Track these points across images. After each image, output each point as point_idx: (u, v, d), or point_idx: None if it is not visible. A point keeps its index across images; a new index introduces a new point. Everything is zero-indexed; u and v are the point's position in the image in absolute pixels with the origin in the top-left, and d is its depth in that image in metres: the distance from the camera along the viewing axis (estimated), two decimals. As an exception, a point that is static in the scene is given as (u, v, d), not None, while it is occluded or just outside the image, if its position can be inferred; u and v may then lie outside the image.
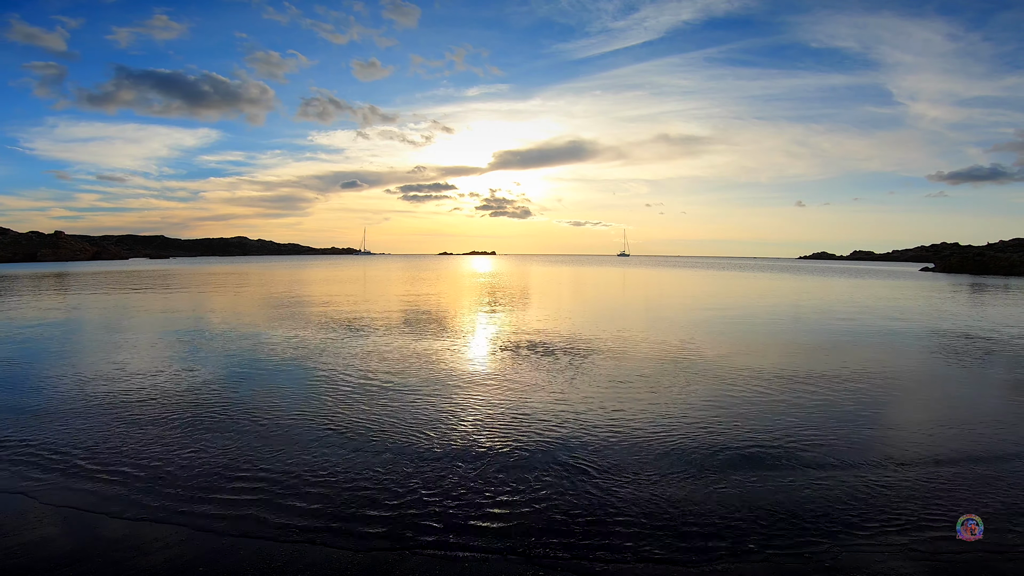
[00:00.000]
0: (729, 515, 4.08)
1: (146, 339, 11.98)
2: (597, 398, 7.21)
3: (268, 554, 3.54)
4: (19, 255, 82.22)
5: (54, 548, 3.63)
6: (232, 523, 3.93)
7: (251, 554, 3.54)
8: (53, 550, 3.60)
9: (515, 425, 6.09)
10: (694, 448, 5.42)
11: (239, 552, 3.57)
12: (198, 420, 6.27)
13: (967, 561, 3.53)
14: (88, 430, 5.93)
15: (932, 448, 5.53)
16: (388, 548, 3.63)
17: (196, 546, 3.64)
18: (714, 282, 38.16)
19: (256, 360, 9.70)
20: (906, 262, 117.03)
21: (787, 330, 14.18)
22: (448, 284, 34.59)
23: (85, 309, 18.44)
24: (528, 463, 5.03)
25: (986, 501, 4.32)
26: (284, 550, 3.58)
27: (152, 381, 8.12)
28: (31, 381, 8.19)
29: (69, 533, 3.82)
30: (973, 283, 37.34)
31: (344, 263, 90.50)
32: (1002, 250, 67.23)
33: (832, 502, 4.29)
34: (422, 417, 6.38)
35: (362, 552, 3.58)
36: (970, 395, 7.80)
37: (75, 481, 4.63)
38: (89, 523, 3.95)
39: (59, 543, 3.69)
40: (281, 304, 20.10)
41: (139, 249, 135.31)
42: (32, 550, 3.60)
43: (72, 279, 36.31)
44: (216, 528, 3.87)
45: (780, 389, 7.79)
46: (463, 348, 11.07)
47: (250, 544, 3.66)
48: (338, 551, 3.58)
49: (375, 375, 8.52)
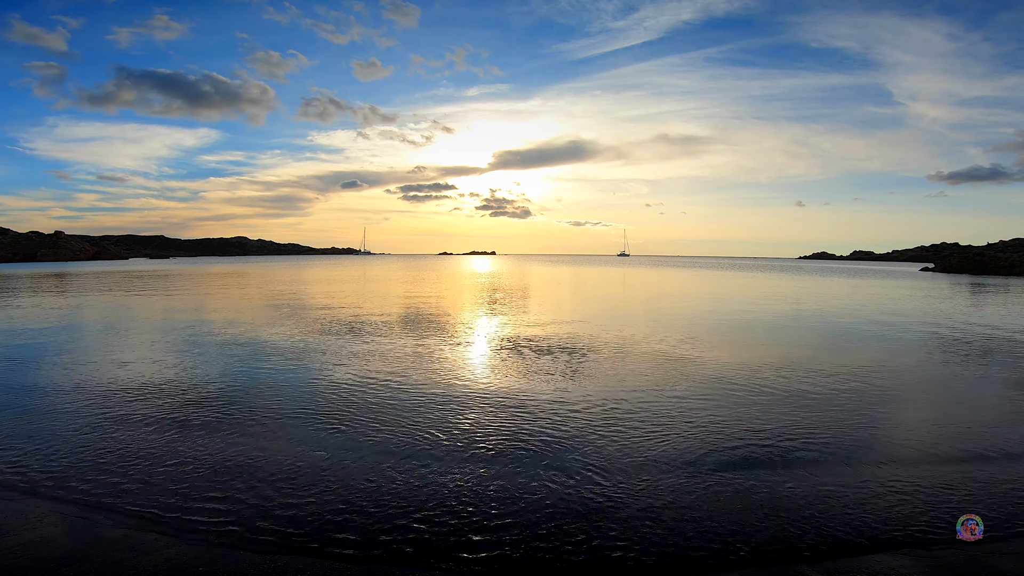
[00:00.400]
0: (729, 515, 4.08)
1: (146, 339, 11.98)
2: (597, 398, 7.21)
3: (266, 555, 3.55)
4: (19, 255, 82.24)
5: (55, 548, 3.63)
6: (232, 523, 3.93)
7: (250, 555, 3.54)
8: (54, 550, 3.61)
9: (515, 425, 6.10)
10: (693, 448, 5.42)
11: (239, 552, 3.57)
12: (199, 421, 6.27)
13: (967, 561, 3.54)
14: (88, 430, 5.93)
15: (932, 448, 5.54)
16: (385, 553, 3.63)
17: (196, 546, 3.64)
18: (714, 282, 38.16)
19: (256, 361, 9.70)
20: (906, 262, 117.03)
21: (787, 330, 14.19)
22: (448, 284, 34.60)
23: (85, 309, 18.45)
24: (528, 463, 5.04)
25: (986, 501, 4.33)
26: (273, 559, 3.58)
27: (152, 381, 8.12)
28: (32, 381, 8.19)
29: (69, 533, 3.82)
30: (973, 283, 37.34)
31: (344, 263, 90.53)
32: (1002, 250, 67.25)
33: (832, 502, 4.29)
34: (422, 417, 6.38)
35: (359, 562, 3.58)
36: (970, 395, 7.81)
37: (76, 481, 4.63)
38: (90, 523, 3.95)
39: (60, 543, 3.69)
40: (282, 304, 20.11)
41: (139, 249, 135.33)
42: (33, 550, 3.60)
43: (72, 279, 36.32)
44: (216, 528, 3.87)
45: (780, 389, 7.80)
46: (463, 348, 11.07)
47: (249, 545, 3.67)
48: (333, 561, 3.57)
49: (375, 375, 8.52)
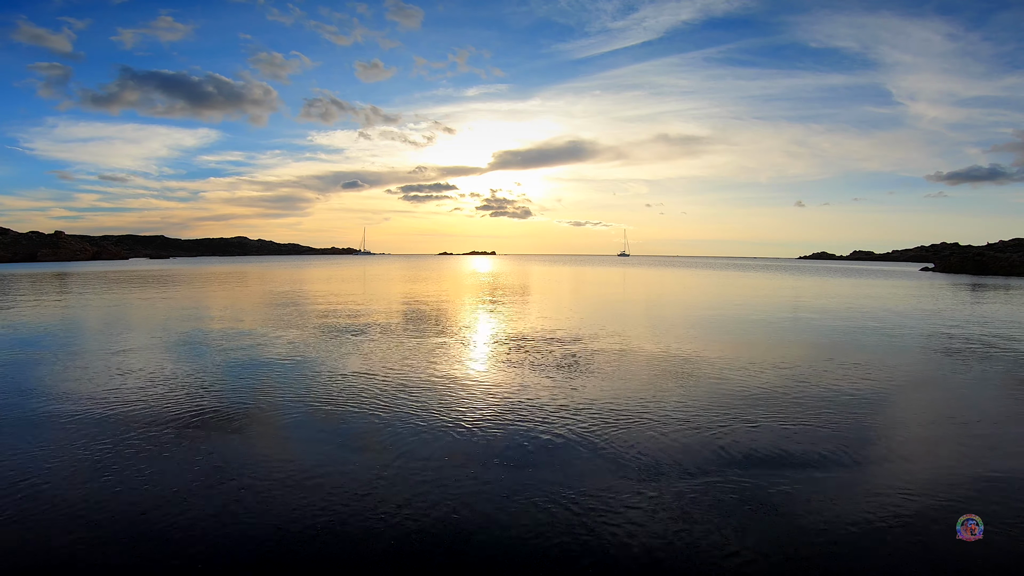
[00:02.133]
0: (729, 515, 4.09)
1: (147, 339, 11.99)
2: (597, 398, 7.21)
3: (266, 556, 3.56)
4: (19, 255, 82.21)
5: (52, 548, 3.65)
6: (232, 524, 3.94)
7: (250, 556, 3.56)
8: (52, 550, 3.62)
9: (515, 425, 6.11)
10: (692, 447, 5.43)
11: (238, 554, 3.58)
12: (199, 420, 6.28)
13: (967, 561, 3.54)
14: (89, 429, 5.94)
15: (932, 448, 5.54)
16: (386, 552, 3.64)
17: (197, 545, 3.65)
18: (714, 282, 38.18)
19: (257, 360, 9.71)
20: (906, 262, 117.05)
21: (787, 329, 14.20)
22: (449, 284, 34.61)
23: (85, 309, 18.45)
24: (528, 463, 5.05)
25: (986, 501, 4.34)
26: (277, 555, 3.59)
27: (153, 381, 8.13)
28: (33, 381, 8.20)
29: (69, 532, 3.83)
30: (973, 283, 37.35)
31: (344, 263, 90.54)
32: (1002, 250, 67.27)
33: (831, 502, 4.30)
34: (422, 417, 6.39)
35: (361, 562, 3.59)
36: (970, 395, 7.81)
37: (77, 481, 4.63)
38: (92, 522, 3.96)
39: (62, 542, 3.70)
40: (282, 304, 20.12)
41: (139, 249, 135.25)
42: (35, 548, 3.62)
43: (72, 279, 36.32)
44: (216, 529, 3.88)
45: (779, 388, 7.80)
46: (463, 348, 11.08)
47: (249, 546, 3.68)
48: (334, 563, 3.58)
49: (376, 375, 8.53)
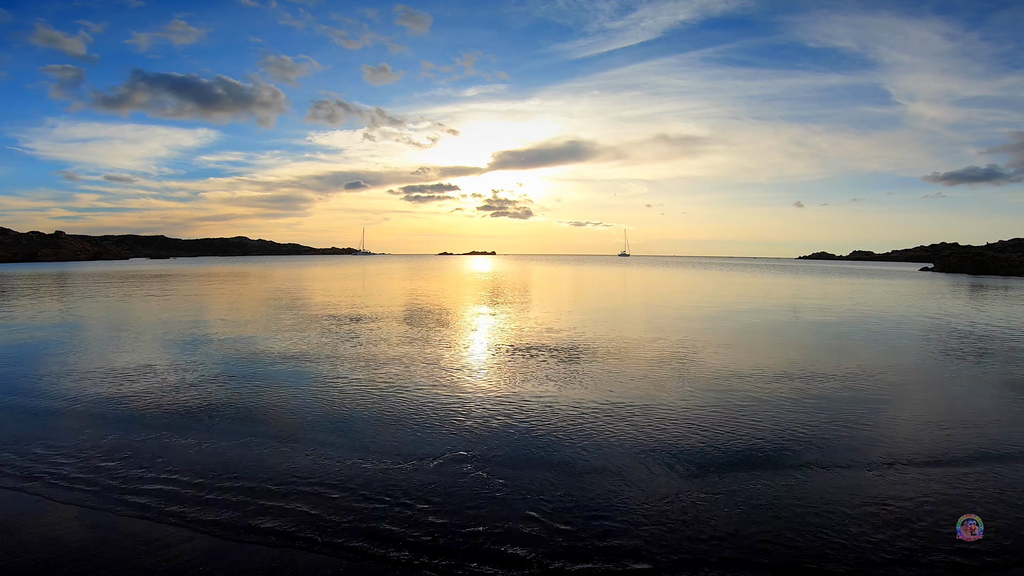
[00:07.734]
0: (729, 516, 4.10)
1: (148, 339, 12.00)
2: (598, 397, 7.23)
3: (264, 556, 3.58)
4: (19, 255, 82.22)
5: (61, 545, 3.67)
6: (232, 524, 3.96)
7: (249, 555, 3.57)
8: (61, 547, 3.65)
9: (516, 424, 6.12)
10: (693, 447, 5.45)
11: (238, 554, 3.60)
12: (199, 420, 6.30)
13: (967, 561, 3.56)
14: (89, 429, 5.96)
15: (932, 448, 5.56)
16: (387, 551, 3.66)
17: (196, 546, 3.67)
18: (714, 282, 38.17)
19: (259, 359, 9.72)
20: (905, 262, 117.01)
21: (787, 329, 14.21)
22: (449, 284, 34.60)
23: (86, 309, 18.47)
24: (528, 463, 5.06)
25: (986, 501, 4.35)
26: (280, 553, 3.61)
27: (153, 381, 8.14)
28: (34, 381, 8.22)
29: (74, 531, 3.86)
30: (973, 283, 37.35)
31: (344, 263, 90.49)
32: (1001, 250, 67.31)
33: (831, 502, 4.31)
34: (424, 416, 6.41)
35: (363, 558, 3.61)
36: (970, 395, 7.82)
37: (78, 480, 4.65)
38: (93, 522, 3.98)
39: (65, 541, 3.73)
40: (282, 304, 20.12)
41: (139, 249, 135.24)
42: (41, 546, 3.64)
43: (73, 279, 36.32)
44: (215, 529, 3.89)
45: (779, 388, 7.82)
46: (464, 348, 11.09)
47: (248, 546, 3.69)
48: (339, 559, 3.59)
49: (376, 375, 8.54)
